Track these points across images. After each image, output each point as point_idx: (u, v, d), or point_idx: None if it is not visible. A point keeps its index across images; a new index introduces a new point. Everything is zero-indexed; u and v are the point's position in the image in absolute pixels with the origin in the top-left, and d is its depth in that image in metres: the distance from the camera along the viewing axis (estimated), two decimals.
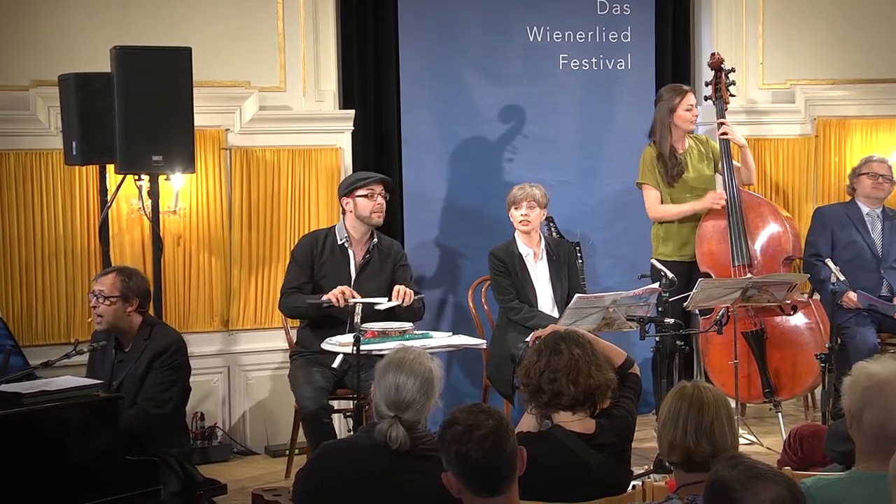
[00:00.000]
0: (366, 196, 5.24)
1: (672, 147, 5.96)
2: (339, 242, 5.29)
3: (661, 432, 2.82)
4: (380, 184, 5.29)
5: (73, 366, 4.48)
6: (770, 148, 6.80)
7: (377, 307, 5.01)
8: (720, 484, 2.31)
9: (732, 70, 6.11)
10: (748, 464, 2.34)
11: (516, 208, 5.56)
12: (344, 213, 5.34)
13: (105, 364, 4.48)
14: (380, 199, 5.26)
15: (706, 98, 6.14)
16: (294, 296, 5.23)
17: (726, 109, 6.08)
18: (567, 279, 5.63)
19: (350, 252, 5.30)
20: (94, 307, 4.41)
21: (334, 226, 5.39)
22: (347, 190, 5.29)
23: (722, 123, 6.03)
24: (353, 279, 5.26)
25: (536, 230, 5.63)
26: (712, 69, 6.11)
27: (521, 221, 5.55)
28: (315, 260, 5.27)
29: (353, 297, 4.97)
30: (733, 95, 6.17)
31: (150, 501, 3.98)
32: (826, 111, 6.89)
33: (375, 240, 5.34)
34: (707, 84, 6.16)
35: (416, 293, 5.23)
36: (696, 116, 6.04)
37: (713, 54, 6.17)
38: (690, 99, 5.97)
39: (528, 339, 3.71)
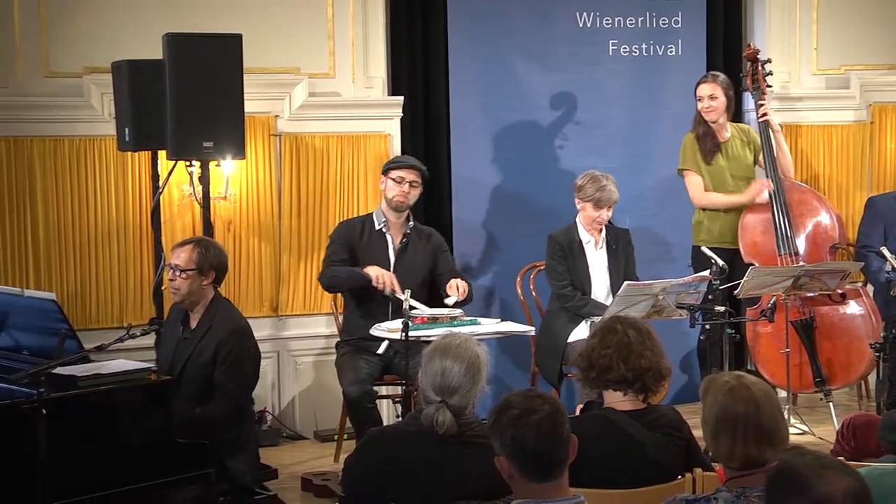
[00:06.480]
0: (395, 180, 5.24)
1: (710, 131, 5.86)
2: (378, 227, 5.31)
3: (716, 438, 2.71)
4: (412, 171, 5.26)
5: (126, 350, 4.53)
6: (823, 135, 6.70)
7: (446, 307, 4.97)
8: (789, 470, 2.24)
9: (769, 60, 5.99)
10: (816, 454, 2.29)
11: (596, 208, 5.43)
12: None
13: (171, 339, 4.51)
14: (406, 187, 5.23)
15: (744, 89, 6.04)
16: (334, 266, 5.25)
17: (764, 99, 5.95)
18: (624, 268, 5.59)
19: (388, 237, 5.31)
20: (172, 280, 4.42)
21: (371, 213, 5.41)
22: (385, 168, 5.35)
23: (761, 105, 5.91)
24: (391, 263, 5.26)
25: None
26: (748, 61, 6.01)
27: (596, 220, 5.46)
28: (356, 242, 5.27)
29: (395, 290, 4.93)
30: (769, 86, 6.02)
31: (200, 485, 4.01)
32: (882, 97, 6.78)
33: (412, 223, 5.35)
34: (742, 75, 6.05)
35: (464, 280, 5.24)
36: (712, 109, 5.83)
37: (748, 45, 6.10)
38: (700, 90, 5.85)
39: None
